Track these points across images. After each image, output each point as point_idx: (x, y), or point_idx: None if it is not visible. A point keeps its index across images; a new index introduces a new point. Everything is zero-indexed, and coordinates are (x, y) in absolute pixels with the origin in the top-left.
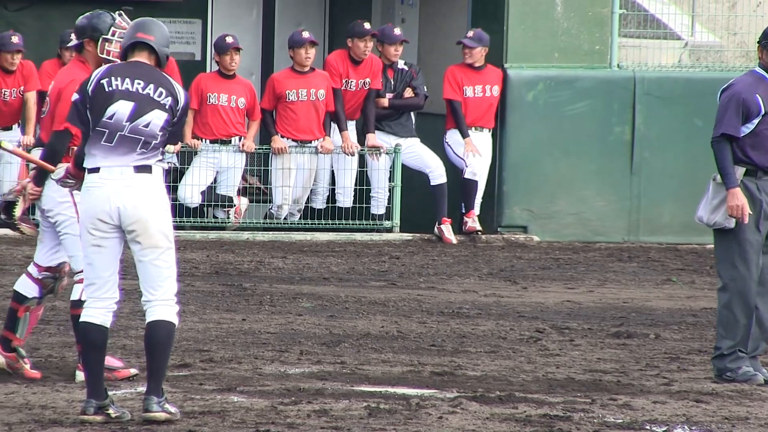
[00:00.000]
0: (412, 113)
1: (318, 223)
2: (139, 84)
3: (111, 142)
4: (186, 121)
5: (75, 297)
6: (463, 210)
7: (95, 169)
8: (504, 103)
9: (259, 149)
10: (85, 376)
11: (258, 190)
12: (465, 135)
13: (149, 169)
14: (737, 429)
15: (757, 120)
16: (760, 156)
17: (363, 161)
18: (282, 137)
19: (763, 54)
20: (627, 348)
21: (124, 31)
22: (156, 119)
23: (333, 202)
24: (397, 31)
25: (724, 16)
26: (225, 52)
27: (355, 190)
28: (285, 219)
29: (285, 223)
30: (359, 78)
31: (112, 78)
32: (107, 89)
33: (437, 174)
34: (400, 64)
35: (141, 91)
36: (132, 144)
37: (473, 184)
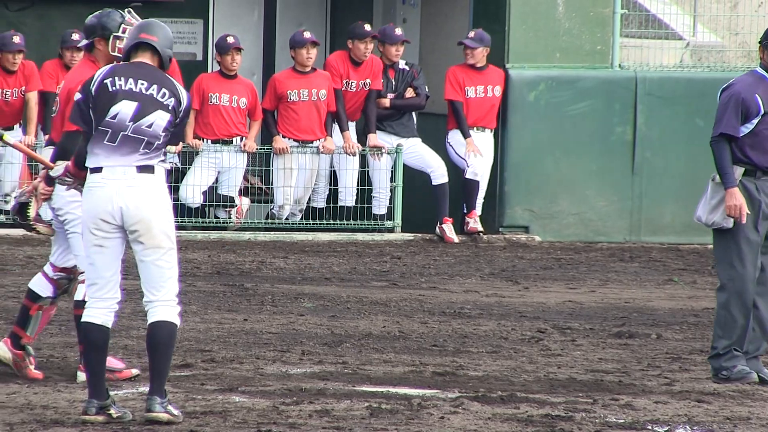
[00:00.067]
0: (413, 113)
1: (319, 224)
2: (143, 84)
3: (114, 141)
4: (187, 122)
5: (78, 297)
6: (465, 210)
7: (98, 169)
8: (505, 104)
9: (261, 149)
10: (87, 376)
11: (259, 190)
12: (466, 135)
13: (152, 170)
14: (739, 429)
15: (757, 120)
16: (759, 156)
17: (364, 161)
18: (283, 137)
19: (764, 54)
20: (629, 348)
21: None
22: (159, 120)
23: (334, 201)
24: (398, 32)
25: (725, 16)
26: (226, 52)
27: (357, 190)
28: (286, 219)
29: (286, 224)
30: (359, 79)
31: (115, 78)
32: (111, 89)
33: (439, 174)
34: (401, 64)
35: (144, 92)
36: (135, 144)
37: (475, 184)
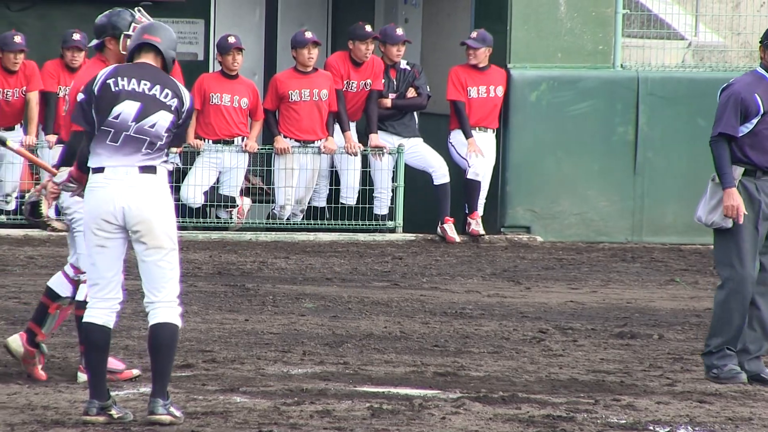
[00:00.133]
0: (415, 113)
1: (321, 224)
2: (146, 85)
3: (116, 141)
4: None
5: (80, 298)
6: (467, 211)
7: (100, 169)
8: (507, 104)
9: (262, 149)
10: (88, 376)
11: (261, 190)
12: (468, 135)
13: (154, 170)
14: (740, 430)
15: (756, 120)
16: (758, 156)
17: (366, 161)
18: (285, 137)
19: (765, 54)
20: (630, 348)
21: None
22: (162, 120)
23: (335, 201)
24: (400, 32)
25: (727, 16)
26: (227, 52)
27: (358, 190)
28: (288, 219)
29: (288, 224)
30: (360, 79)
31: (118, 78)
32: (113, 89)
33: (440, 174)
34: (402, 64)
35: (147, 92)
36: (137, 144)
37: (476, 184)
